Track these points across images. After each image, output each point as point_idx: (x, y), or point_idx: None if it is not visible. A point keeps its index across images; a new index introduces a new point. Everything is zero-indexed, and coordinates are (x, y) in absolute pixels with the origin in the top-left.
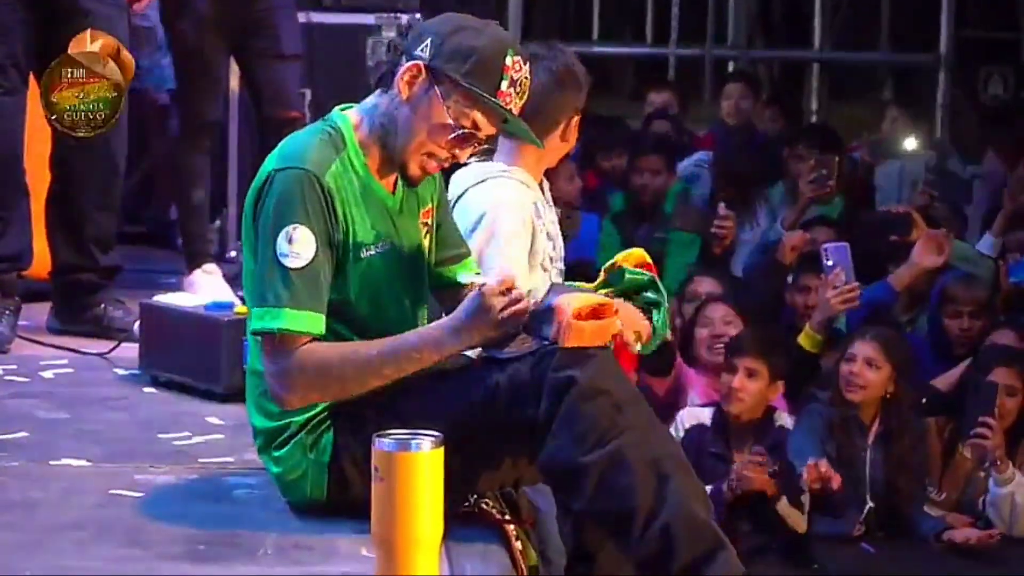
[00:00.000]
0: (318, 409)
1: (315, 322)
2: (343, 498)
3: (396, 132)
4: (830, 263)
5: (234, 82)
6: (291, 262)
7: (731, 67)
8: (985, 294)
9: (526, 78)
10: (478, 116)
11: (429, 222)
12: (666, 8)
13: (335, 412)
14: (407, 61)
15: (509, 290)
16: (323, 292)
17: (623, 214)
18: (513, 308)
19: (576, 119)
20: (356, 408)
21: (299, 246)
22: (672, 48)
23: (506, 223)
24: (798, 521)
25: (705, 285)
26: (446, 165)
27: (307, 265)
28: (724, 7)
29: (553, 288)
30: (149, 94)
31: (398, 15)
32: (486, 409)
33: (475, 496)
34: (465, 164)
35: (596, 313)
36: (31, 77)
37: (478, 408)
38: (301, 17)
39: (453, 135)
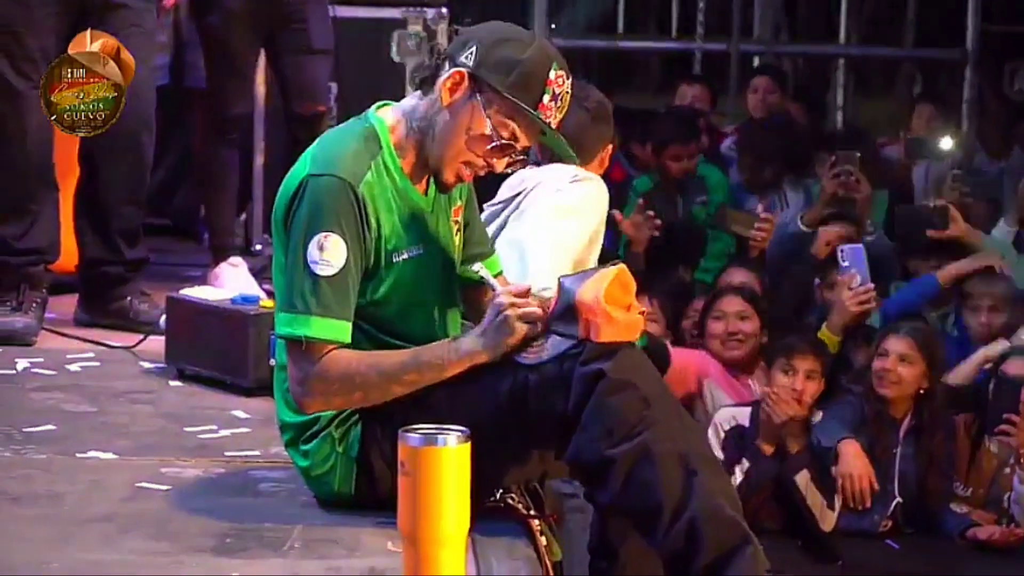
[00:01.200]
0: None
1: (342, 330)
2: (370, 492)
3: (434, 137)
4: (845, 264)
5: (261, 76)
6: (321, 270)
7: (756, 62)
8: (1005, 289)
9: (567, 93)
10: (517, 128)
11: (459, 220)
12: (692, 2)
13: (364, 409)
14: (450, 67)
15: (524, 297)
16: (351, 300)
17: (651, 192)
18: (529, 314)
19: (610, 149)
20: (386, 403)
21: (330, 254)
22: (698, 43)
23: None
24: (818, 504)
25: (739, 276)
26: (481, 173)
27: (337, 273)
28: (750, 1)
29: (561, 284)
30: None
31: (423, 9)
32: (515, 403)
33: (500, 491)
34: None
35: (621, 299)
36: None
37: (507, 402)
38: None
39: (491, 145)
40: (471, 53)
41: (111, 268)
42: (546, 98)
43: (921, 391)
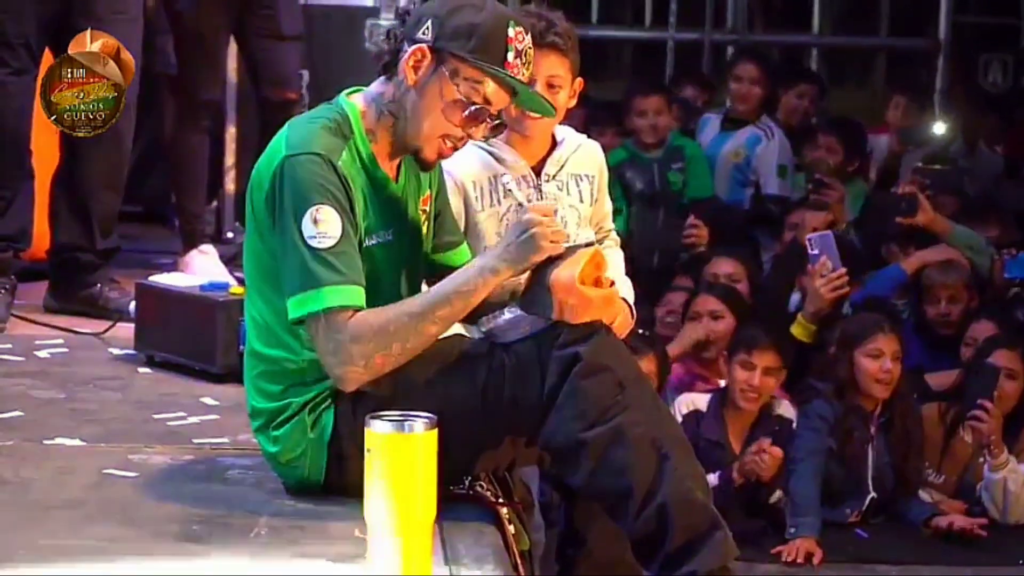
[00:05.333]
0: (320, 389)
1: (358, 295)
2: (340, 479)
3: (406, 118)
4: (815, 252)
5: (233, 63)
6: (320, 243)
7: (730, 51)
8: (962, 279)
9: (530, 48)
10: (489, 90)
11: (428, 209)
12: None
13: (337, 392)
14: (409, 46)
15: (550, 217)
16: (358, 264)
17: (626, 163)
18: (556, 233)
19: (580, 82)
20: (358, 390)
21: (325, 226)
22: (670, 32)
23: None
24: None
25: (724, 266)
26: (460, 146)
27: (337, 243)
28: None
29: (536, 266)
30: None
31: None
32: (491, 387)
33: (470, 478)
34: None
35: (595, 278)
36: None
37: (483, 386)
38: None
39: (467, 112)
40: (427, 28)
41: (83, 255)
42: (511, 56)
43: None
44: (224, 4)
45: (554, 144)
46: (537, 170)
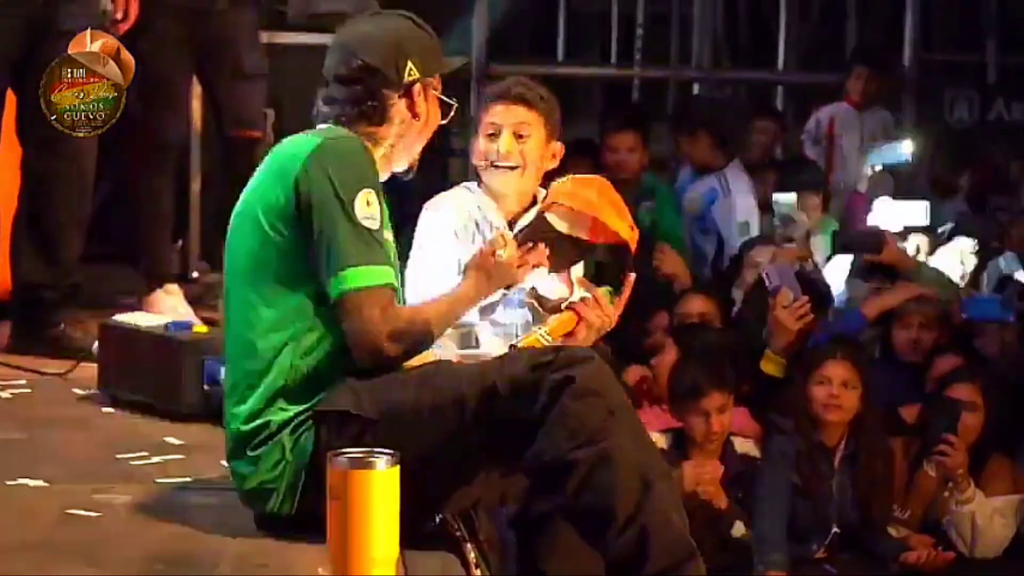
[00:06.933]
0: (300, 409)
1: (395, 277)
2: (314, 507)
3: (404, 145)
4: (775, 284)
5: (197, 102)
6: (371, 224)
7: (696, 88)
8: (934, 310)
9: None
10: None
11: None
12: (632, 29)
13: (320, 413)
14: (398, 90)
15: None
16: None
17: None
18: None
19: (560, 146)
20: (343, 411)
21: (373, 209)
22: (636, 70)
23: None
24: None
25: (696, 305)
26: None
27: (379, 228)
28: (689, 29)
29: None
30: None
31: None
32: (481, 409)
33: (440, 516)
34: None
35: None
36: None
37: (473, 407)
38: (264, 37)
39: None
40: (411, 68)
41: (47, 293)
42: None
43: (855, 416)
44: (186, 44)
45: (533, 202)
46: (512, 223)
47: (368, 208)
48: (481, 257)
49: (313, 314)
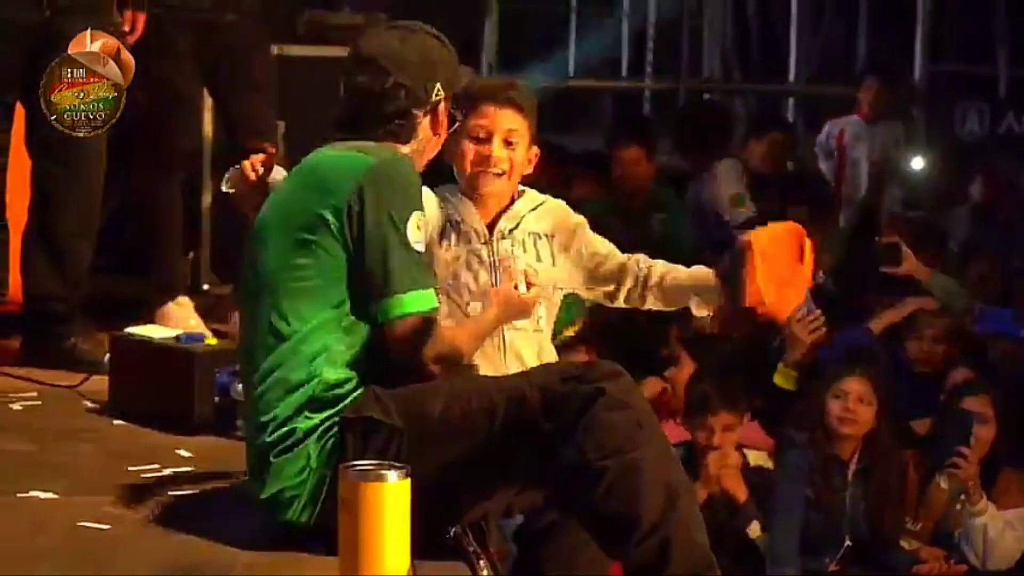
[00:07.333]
0: (326, 416)
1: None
2: (329, 518)
3: (424, 158)
4: None
5: (208, 114)
6: (420, 247)
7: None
8: (946, 323)
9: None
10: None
11: None
12: (643, 42)
13: (347, 421)
14: (423, 109)
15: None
16: None
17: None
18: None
19: (536, 151)
20: (370, 419)
21: (421, 232)
22: (647, 83)
23: None
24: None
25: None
26: None
27: (425, 251)
28: (699, 41)
29: None
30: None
31: None
32: (511, 417)
33: (454, 528)
34: None
35: None
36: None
37: (504, 414)
38: (274, 49)
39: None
40: (438, 88)
41: (58, 305)
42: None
43: (870, 430)
44: (197, 56)
45: (511, 203)
46: (491, 226)
47: (418, 232)
48: (505, 291)
49: (346, 325)
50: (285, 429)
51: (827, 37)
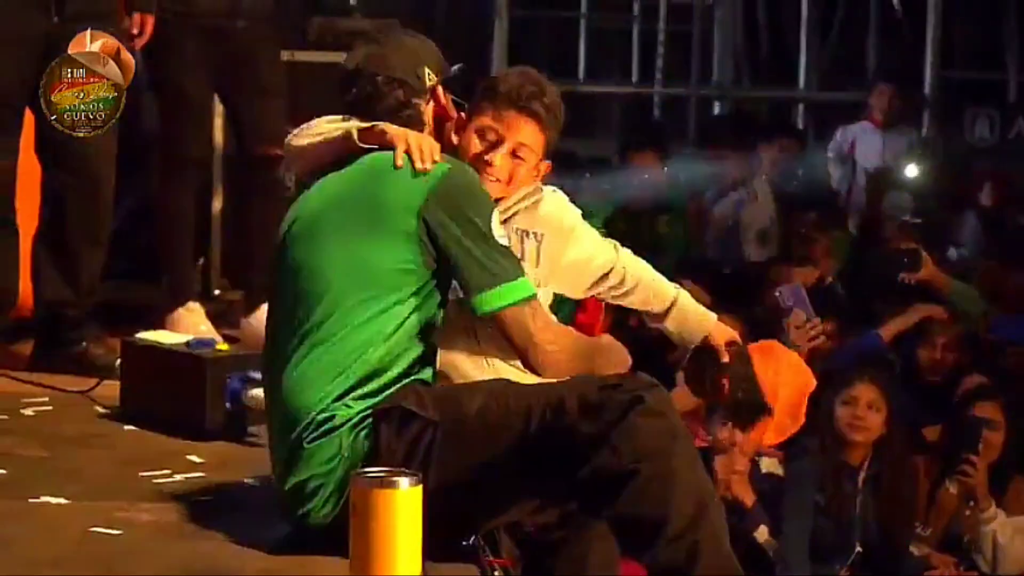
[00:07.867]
0: (365, 406)
1: None
2: (348, 518)
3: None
4: (789, 303)
5: (219, 120)
6: (505, 241)
7: (716, 106)
8: (958, 329)
9: None
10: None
11: None
12: (653, 47)
13: (383, 411)
14: (424, 95)
15: None
16: None
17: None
18: None
19: (547, 164)
20: (405, 409)
21: (500, 228)
22: (656, 88)
23: None
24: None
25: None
26: None
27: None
28: (710, 47)
29: None
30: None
31: None
32: (547, 421)
33: (474, 535)
34: None
35: None
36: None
37: (540, 418)
38: (285, 55)
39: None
40: (428, 74)
41: (69, 310)
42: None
43: (880, 436)
44: (207, 62)
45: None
46: None
47: (500, 227)
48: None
49: (401, 319)
50: (325, 415)
51: (836, 43)
